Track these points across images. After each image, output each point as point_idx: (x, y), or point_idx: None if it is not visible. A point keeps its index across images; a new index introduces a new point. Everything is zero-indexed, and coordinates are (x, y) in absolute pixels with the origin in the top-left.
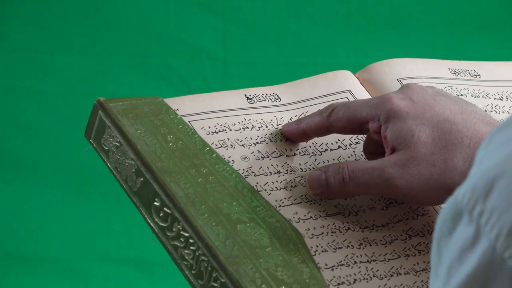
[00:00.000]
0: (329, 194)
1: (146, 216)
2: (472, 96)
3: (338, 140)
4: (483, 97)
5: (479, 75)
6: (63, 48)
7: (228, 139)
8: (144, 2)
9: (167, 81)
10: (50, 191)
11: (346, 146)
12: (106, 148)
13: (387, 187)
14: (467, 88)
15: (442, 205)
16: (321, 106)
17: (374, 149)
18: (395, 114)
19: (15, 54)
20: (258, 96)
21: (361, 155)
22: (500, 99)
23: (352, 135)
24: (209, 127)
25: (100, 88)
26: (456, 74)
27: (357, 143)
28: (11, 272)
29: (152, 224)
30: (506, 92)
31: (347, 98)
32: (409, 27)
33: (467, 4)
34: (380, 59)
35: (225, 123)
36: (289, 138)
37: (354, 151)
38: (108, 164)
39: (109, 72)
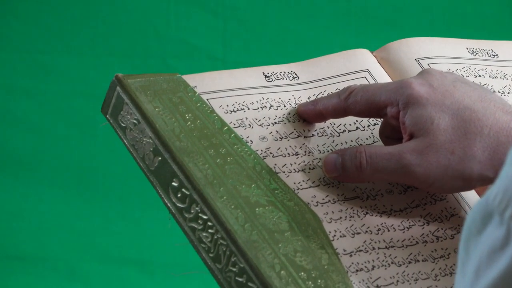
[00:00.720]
0: (345, 178)
1: (163, 196)
2: (490, 76)
3: (356, 121)
4: (500, 78)
5: (497, 55)
6: (63, 48)
7: (246, 118)
8: (144, 2)
9: None
10: (50, 191)
11: (364, 127)
12: (123, 125)
13: (404, 174)
14: (485, 69)
15: (458, 193)
16: (340, 86)
17: (390, 134)
18: (414, 100)
19: (15, 54)
20: (276, 74)
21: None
22: None
23: None
24: (227, 106)
25: (100, 88)
26: (474, 54)
27: (375, 124)
28: (11, 272)
29: (169, 205)
30: None
31: (365, 77)
32: (409, 27)
33: (467, 4)
34: None
35: (243, 101)
36: (305, 118)
37: (372, 133)
38: (125, 141)
39: (109, 72)
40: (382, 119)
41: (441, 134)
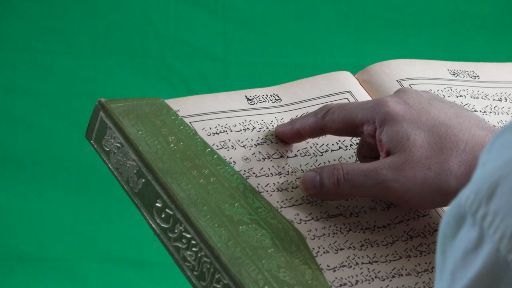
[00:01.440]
0: (324, 195)
1: (147, 217)
2: (471, 97)
3: (339, 141)
4: (482, 98)
5: (478, 76)
6: (63, 48)
7: (229, 140)
8: (144, 2)
9: (167, 81)
10: (50, 191)
11: (347, 147)
12: (107, 149)
13: (382, 190)
14: (467, 89)
15: (439, 208)
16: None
17: (368, 153)
18: (390, 117)
19: (15, 54)
20: (259, 97)
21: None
22: (499, 100)
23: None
24: (210, 128)
25: (100, 88)
26: (455, 75)
27: (357, 144)
28: (11, 272)
29: (153, 225)
30: (505, 93)
31: (347, 99)
32: (409, 27)
33: (467, 4)
34: (380, 60)
35: (226, 124)
36: (283, 139)
37: (355, 152)
38: (109, 165)
39: (109, 72)
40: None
41: (417, 150)
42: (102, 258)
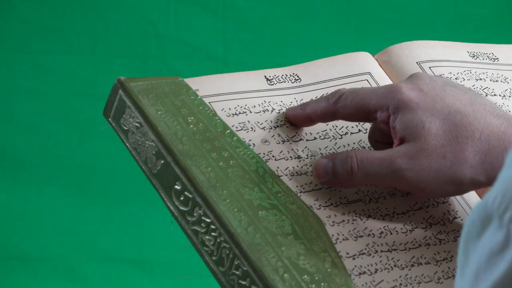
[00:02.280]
0: (336, 183)
1: (165, 199)
2: (491, 80)
3: (359, 123)
4: (501, 81)
5: (497, 58)
6: (63, 48)
7: (249, 121)
8: (144, 2)
9: None
10: (50, 191)
11: (366, 130)
12: (125, 128)
13: (396, 178)
14: (486, 72)
15: (459, 196)
16: (341, 88)
17: (380, 138)
18: (404, 104)
19: (15, 54)
20: (278, 77)
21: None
22: None
23: None
24: (229, 109)
25: (100, 88)
26: (475, 57)
27: None
28: (11, 272)
29: (171, 208)
30: None
31: (366, 80)
32: (409, 27)
33: (467, 4)
34: None
35: (245, 105)
36: (293, 122)
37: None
38: (127, 144)
39: (109, 72)
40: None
41: (432, 138)
42: (102, 258)
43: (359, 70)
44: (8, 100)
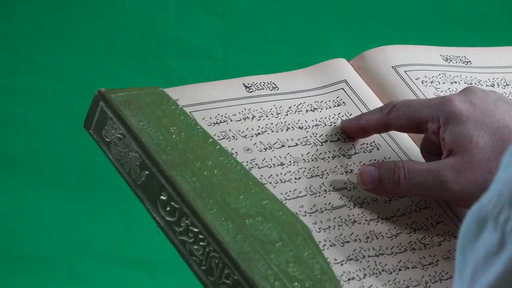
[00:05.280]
0: (381, 191)
1: (151, 210)
2: (465, 83)
3: (337, 133)
4: (475, 84)
5: (470, 61)
6: (63, 48)
7: (230, 130)
8: (144, 2)
9: (167, 81)
10: (50, 191)
11: (345, 139)
12: (107, 139)
13: (441, 190)
14: (460, 75)
15: (441, 201)
16: (318, 98)
17: (431, 150)
18: (455, 116)
19: (15, 54)
20: (256, 85)
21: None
22: (492, 85)
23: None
24: (210, 118)
25: (100, 88)
26: (448, 61)
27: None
28: (11, 272)
29: (157, 218)
30: (497, 78)
31: (342, 88)
32: (409, 27)
33: (467, 4)
34: None
35: (226, 113)
36: (349, 134)
37: (353, 144)
38: (110, 156)
39: (109, 72)
40: (422, 136)
41: (479, 152)
42: (102, 258)
43: (334, 78)
44: (8, 100)
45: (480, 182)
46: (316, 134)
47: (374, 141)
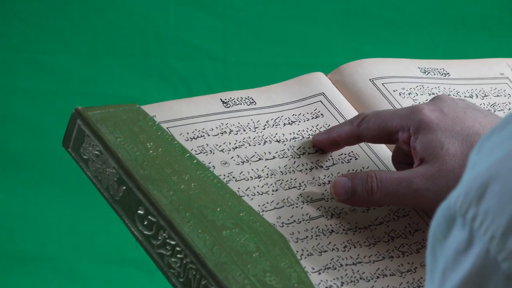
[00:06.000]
0: (354, 202)
1: (129, 225)
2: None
3: (314, 146)
4: (453, 95)
5: (448, 73)
6: (63, 48)
7: (207, 144)
8: (144, 2)
9: (167, 81)
10: (50, 191)
11: (322, 151)
12: (85, 157)
13: (414, 198)
14: (438, 87)
15: (419, 209)
16: (296, 111)
17: (403, 159)
18: (425, 125)
19: (15, 54)
20: (234, 100)
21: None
22: (471, 96)
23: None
24: (187, 133)
25: (100, 88)
26: (426, 73)
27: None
28: (11, 272)
29: (136, 233)
30: (476, 89)
31: (320, 101)
32: (408, 27)
33: (467, 4)
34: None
35: (203, 128)
36: (320, 147)
37: (331, 156)
38: (88, 173)
39: (109, 72)
40: (393, 146)
41: (450, 159)
42: (102, 258)
43: (312, 92)
44: (8, 100)
45: (452, 188)
46: (294, 147)
47: (352, 151)
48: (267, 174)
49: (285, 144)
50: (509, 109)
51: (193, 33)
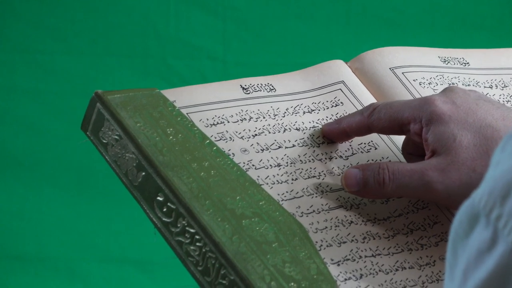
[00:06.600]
0: (365, 194)
1: (148, 211)
2: (463, 84)
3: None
4: (473, 85)
5: (468, 63)
6: (63, 48)
7: (227, 131)
8: (144, 2)
9: (167, 81)
10: (50, 191)
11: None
12: (104, 141)
13: (426, 191)
14: (458, 77)
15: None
16: (315, 99)
17: (413, 151)
18: (437, 117)
19: (15, 54)
20: (254, 86)
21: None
22: (490, 87)
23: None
24: (207, 119)
25: (100, 88)
26: (446, 62)
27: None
28: (11, 272)
29: (154, 219)
30: (495, 80)
31: (340, 89)
32: (409, 27)
33: (467, 4)
34: None
35: (223, 114)
36: (330, 138)
37: (350, 145)
38: (107, 157)
39: (109, 72)
40: (403, 137)
41: (463, 151)
42: (102, 258)
43: (332, 80)
44: (8, 100)
45: (465, 181)
46: (314, 135)
47: (372, 141)
48: (287, 162)
49: (304, 133)
50: None
51: (193, 33)
